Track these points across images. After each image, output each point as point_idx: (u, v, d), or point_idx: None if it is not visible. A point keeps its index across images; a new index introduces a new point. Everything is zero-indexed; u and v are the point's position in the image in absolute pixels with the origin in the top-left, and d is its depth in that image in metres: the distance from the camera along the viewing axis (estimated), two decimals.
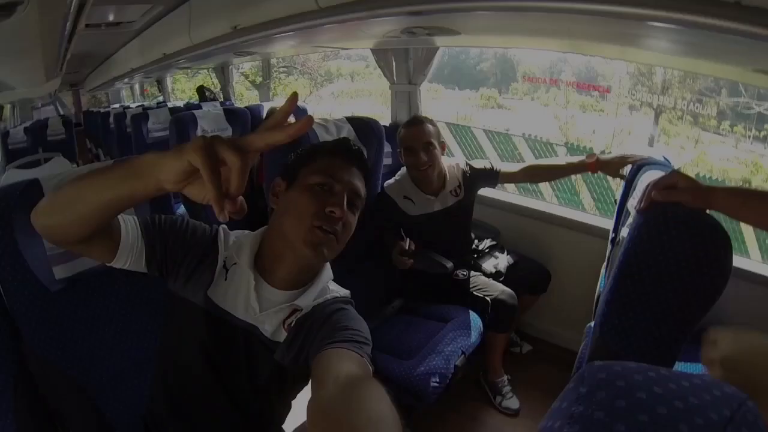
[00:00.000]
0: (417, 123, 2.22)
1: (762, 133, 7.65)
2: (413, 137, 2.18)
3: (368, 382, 0.74)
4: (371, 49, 2.91)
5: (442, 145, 2.27)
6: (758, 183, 7.14)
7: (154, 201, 1.34)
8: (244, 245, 1.10)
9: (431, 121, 2.25)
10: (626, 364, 0.46)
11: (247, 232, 1.16)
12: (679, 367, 1.75)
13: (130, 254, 1.00)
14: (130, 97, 9.60)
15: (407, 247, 1.96)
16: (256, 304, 1.06)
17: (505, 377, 2.33)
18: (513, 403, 2.27)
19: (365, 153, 1.22)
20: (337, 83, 12.81)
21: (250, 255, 1.08)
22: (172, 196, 1.43)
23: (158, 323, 1.36)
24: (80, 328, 1.24)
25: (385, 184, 2.32)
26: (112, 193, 0.76)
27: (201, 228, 1.12)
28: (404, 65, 2.84)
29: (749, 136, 7.90)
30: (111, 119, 5.35)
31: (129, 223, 1.00)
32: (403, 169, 2.31)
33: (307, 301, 1.08)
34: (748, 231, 3.89)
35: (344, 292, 1.17)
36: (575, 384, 0.47)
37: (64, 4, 1.54)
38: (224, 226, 1.15)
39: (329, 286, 1.16)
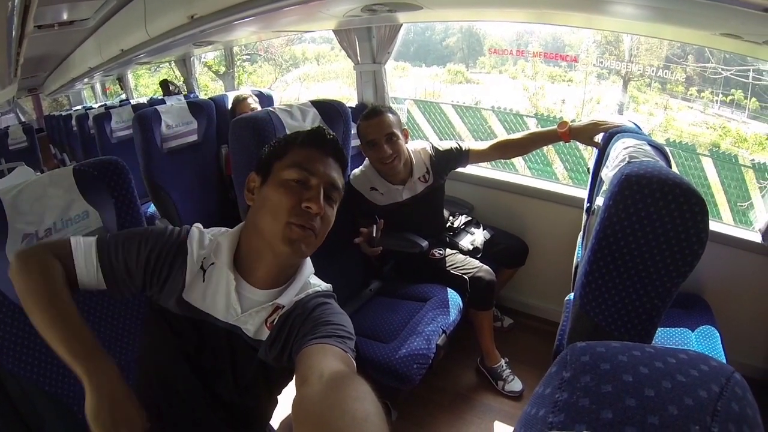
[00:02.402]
0: (376, 114, 2.11)
1: (729, 98, 7.81)
2: (374, 129, 2.09)
3: (353, 380, 0.72)
4: (333, 31, 2.85)
5: (405, 132, 2.20)
6: (727, 146, 7.27)
7: (121, 204, 1.30)
8: (222, 244, 1.06)
9: (391, 110, 2.17)
10: (610, 344, 0.44)
11: (223, 229, 1.12)
12: (661, 333, 1.77)
13: (93, 288, 1.03)
14: (92, 97, 9.30)
15: (374, 234, 1.92)
16: (237, 305, 1.03)
17: (503, 361, 2.28)
18: (516, 385, 2.22)
19: None
20: (303, 67, 12.66)
21: (229, 255, 1.05)
22: (138, 196, 1.37)
23: (135, 331, 1.32)
24: None
25: (351, 176, 2.24)
26: (49, 340, 0.89)
27: (164, 236, 1.07)
28: (368, 44, 2.79)
29: (717, 101, 8.06)
30: (73, 122, 5.16)
31: (88, 268, 1.01)
32: (367, 160, 2.24)
33: (288, 298, 1.05)
34: (719, 194, 3.97)
35: (326, 286, 1.14)
36: (558, 368, 0.45)
37: (5, 6, 1.47)
38: (199, 224, 1.11)
39: (310, 281, 1.13)
